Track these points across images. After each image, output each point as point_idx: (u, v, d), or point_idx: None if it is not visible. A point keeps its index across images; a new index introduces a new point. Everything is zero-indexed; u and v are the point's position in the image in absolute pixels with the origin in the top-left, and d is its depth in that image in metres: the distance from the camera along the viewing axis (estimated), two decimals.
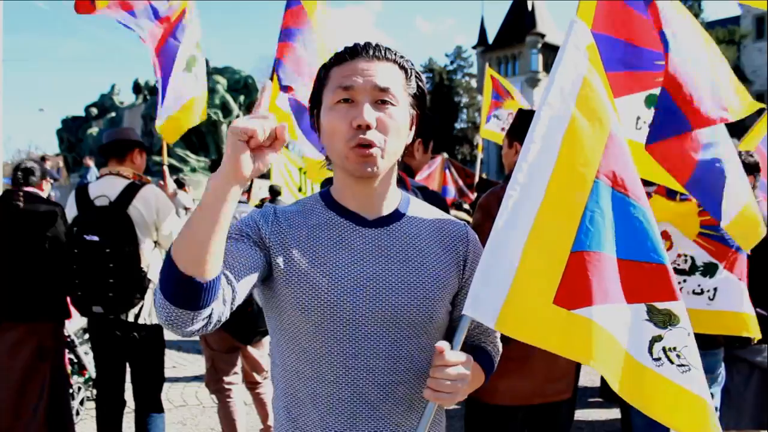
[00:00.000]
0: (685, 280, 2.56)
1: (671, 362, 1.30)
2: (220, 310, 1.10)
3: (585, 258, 1.27)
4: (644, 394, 1.28)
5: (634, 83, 2.19)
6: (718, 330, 2.56)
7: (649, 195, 2.61)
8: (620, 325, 1.28)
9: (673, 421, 1.29)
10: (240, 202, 3.50)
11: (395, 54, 1.26)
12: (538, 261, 1.26)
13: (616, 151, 1.37)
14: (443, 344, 1.17)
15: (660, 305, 1.32)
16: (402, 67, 1.27)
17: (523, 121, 2.67)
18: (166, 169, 4.06)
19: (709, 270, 2.55)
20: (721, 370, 2.88)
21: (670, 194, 2.64)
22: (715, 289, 2.53)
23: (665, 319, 1.32)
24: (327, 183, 1.79)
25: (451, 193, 8.77)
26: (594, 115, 1.35)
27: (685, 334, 1.33)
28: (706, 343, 2.69)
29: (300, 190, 6.80)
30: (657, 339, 1.30)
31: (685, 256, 2.57)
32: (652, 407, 1.29)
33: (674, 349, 1.31)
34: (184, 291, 1.02)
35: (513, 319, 1.23)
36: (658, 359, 1.29)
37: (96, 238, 3.01)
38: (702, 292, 2.53)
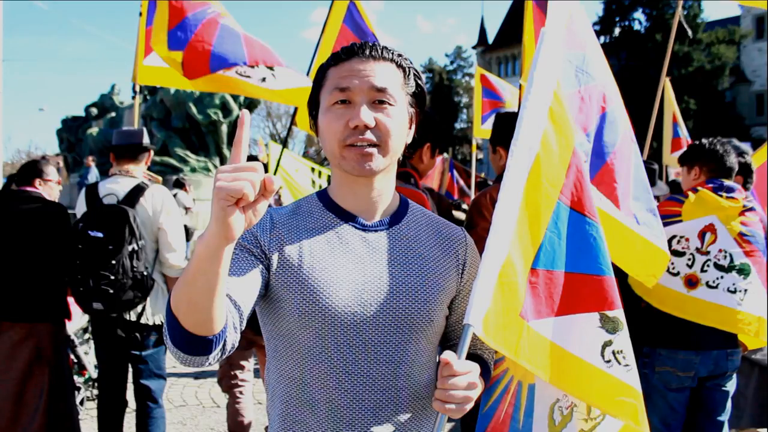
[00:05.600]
0: (722, 277, 2.58)
1: (618, 363, 1.48)
2: (232, 338, 1.10)
3: (540, 275, 1.41)
4: (593, 390, 1.45)
5: None
6: (742, 330, 2.56)
7: (695, 190, 2.64)
8: (571, 334, 1.43)
9: (618, 412, 1.47)
10: None
11: (392, 53, 1.24)
12: (512, 273, 1.34)
13: (576, 169, 1.51)
14: (450, 355, 1.14)
15: (610, 314, 1.47)
16: (400, 66, 1.25)
17: (501, 125, 2.63)
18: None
19: (744, 271, 2.57)
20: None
21: (717, 190, 2.65)
22: (746, 291, 2.55)
23: (615, 326, 1.48)
24: None
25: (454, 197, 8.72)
26: (561, 129, 1.47)
27: (626, 337, 1.50)
28: (732, 341, 2.69)
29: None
30: (608, 344, 1.46)
31: (725, 252, 2.58)
32: (602, 403, 1.47)
33: (621, 351, 1.48)
34: (195, 345, 1.01)
35: (493, 327, 1.27)
36: (609, 361, 1.47)
37: (100, 235, 3.03)
38: (735, 291, 2.55)
